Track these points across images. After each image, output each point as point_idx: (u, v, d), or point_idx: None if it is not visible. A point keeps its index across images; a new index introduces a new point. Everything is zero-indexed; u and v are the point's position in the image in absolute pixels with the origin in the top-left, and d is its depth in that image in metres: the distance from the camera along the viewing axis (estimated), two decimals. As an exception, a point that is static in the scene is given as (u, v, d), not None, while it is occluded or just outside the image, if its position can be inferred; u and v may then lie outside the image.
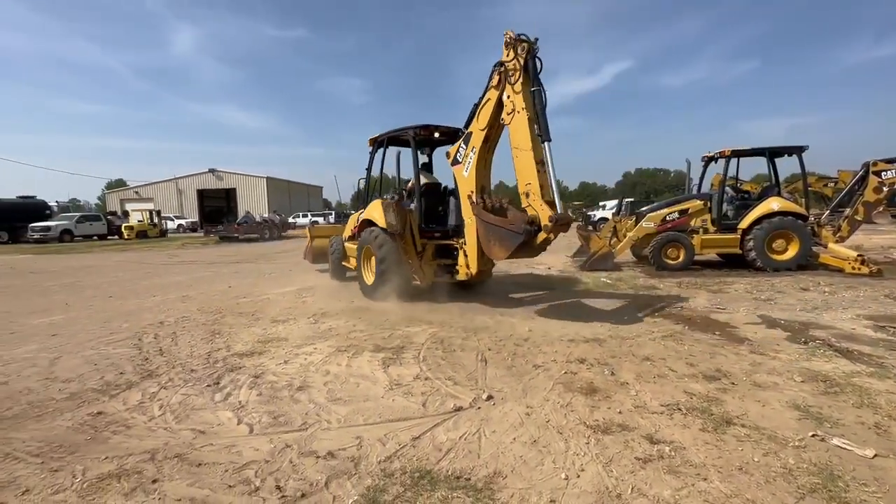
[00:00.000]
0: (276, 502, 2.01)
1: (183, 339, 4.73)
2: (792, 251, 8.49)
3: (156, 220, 29.66)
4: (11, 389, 3.38)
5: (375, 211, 6.36)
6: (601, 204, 35.22)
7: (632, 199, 28.32)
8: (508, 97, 5.11)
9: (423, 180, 6.76)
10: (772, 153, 9.12)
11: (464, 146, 5.79)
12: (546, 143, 4.77)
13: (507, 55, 5.09)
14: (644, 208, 10.45)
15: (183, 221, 38.58)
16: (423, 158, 7.36)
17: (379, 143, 7.17)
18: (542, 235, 4.80)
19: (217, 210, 46.58)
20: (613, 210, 26.50)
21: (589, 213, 32.25)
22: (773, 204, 8.65)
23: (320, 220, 35.80)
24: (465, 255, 5.95)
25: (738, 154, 9.30)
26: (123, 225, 28.21)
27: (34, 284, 9.14)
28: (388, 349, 4.21)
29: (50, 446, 2.53)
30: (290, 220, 33.33)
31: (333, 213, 39.20)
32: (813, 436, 2.46)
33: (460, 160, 5.82)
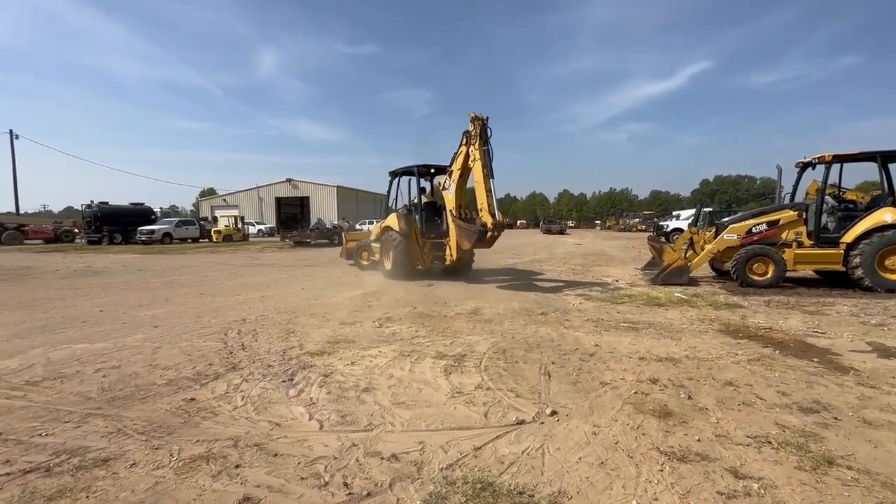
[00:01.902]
0: (344, 498, 2.10)
1: (262, 336, 5.11)
2: (910, 270, 7.37)
3: (240, 225, 32.57)
4: (123, 373, 3.86)
5: (392, 221, 9.68)
6: (675, 213, 32.95)
7: (711, 209, 26.18)
8: (471, 152, 8.27)
9: (424, 199, 10.17)
10: (884, 158, 7.99)
11: (448, 179, 9.04)
12: (491, 179, 8.02)
13: (471, 126, 8.23)
14: (725, 219, 9.64)
15: (262, 227, 41.85)
16: (427, 185, 10.59)
17: (395, 174, 10.46)
18: (489, 234, 7.92)
19: (292, 217, 50.00)
20: (690, 220, 24.63)
21: (661, 223, 30.33)
22: (886, 216, 7.58)
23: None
24: (449, 248, 9.27)
25: (842, 159, 8.27)
26: (213, 229, 31.25)
27: (141, 281, 10.39)
28: (449, 356, 4.24)
29: (152, 426, 2.85)
30: (357, 226, 34.90)
31: None
32: (942, 488, 2.11)
33: (447, 188, 9.08)
